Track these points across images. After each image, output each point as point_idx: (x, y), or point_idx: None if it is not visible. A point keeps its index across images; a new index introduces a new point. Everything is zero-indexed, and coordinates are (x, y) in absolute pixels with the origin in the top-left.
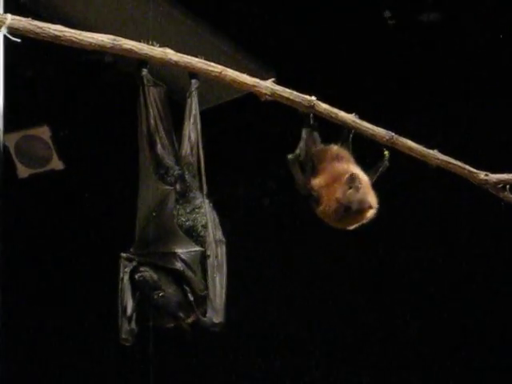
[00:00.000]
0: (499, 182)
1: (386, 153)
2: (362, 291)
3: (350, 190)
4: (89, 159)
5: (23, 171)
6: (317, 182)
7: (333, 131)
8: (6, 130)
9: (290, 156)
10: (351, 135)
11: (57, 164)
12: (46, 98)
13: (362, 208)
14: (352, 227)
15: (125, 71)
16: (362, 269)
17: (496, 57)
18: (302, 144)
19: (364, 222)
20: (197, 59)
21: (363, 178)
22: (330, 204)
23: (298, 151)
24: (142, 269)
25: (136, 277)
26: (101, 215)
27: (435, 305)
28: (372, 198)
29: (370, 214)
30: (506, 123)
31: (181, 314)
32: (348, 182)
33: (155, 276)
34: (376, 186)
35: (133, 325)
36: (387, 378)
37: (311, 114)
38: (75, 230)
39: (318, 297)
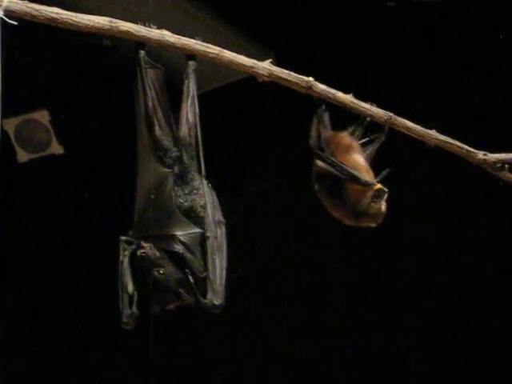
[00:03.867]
0: (498, 161)
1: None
2: (367, 281)
3: (373, 204)
4: (88, 143)
5: (23, 156)
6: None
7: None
8: (5, 115)
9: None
10: (366, 123)
11: (56, 148)
12: (44, 82)
13: (376, 221)
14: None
15: (123, 55)
16: (367, 255)
17: (495, 38)
18: (312, 130)
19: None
20: (194, 41)
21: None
22: (345, 205)
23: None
24: (144, 245)
25: (138, 253)
26: (100, 199)
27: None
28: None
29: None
30: (504, 103)
31: (181, 292)
32: (374, 196)
33: (157, 253)
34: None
35: (134, 309)
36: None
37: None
38: (75, 213)
39: (319, 282)
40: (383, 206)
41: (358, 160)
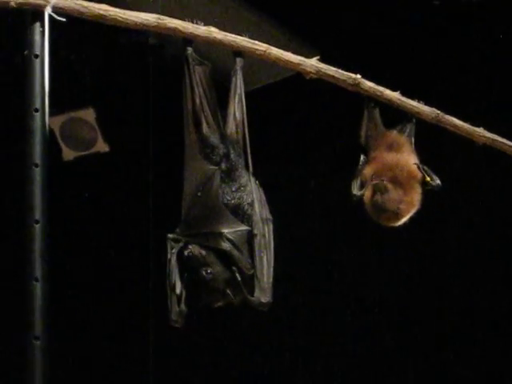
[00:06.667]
0: None
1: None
2: (411, 276)
3: (374, 199)
4: (134, 141)
5: (68, 154)
6: (366, 171)
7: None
8: (51, 112)
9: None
10: (414, 120)
11: (102, 146)
12: (90, 80)
13: (387, 216)
14: (391, 225)
15: (169, 53)
16: (409, 252)
17: None
18: (363, 128)
19: (401, 222)
20: (241, 37)
21: (408, 174)
22: (366, 202)
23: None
24: (190, 246)
25: (185, 253)
26: (147, 196)
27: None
28: (402, 203)
29: (403, 218)
30: None
31: (228, 292)
32: (374, 188)
33: (204, 252)
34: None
35: (182, 306)
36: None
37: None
38: (121, 211)
39: (361, 278)
40: (380, 198)
41: (401, 157)
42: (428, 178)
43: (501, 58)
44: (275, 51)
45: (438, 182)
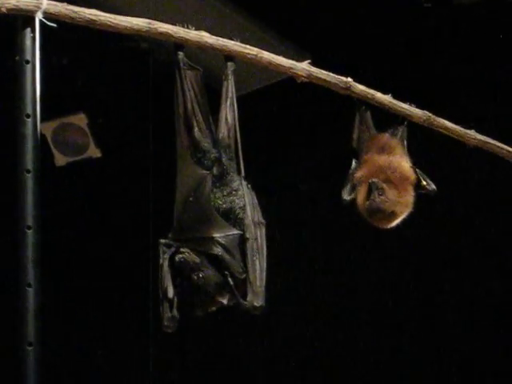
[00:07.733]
0: None
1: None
2: (404, 274)
3: (370, 199)
4: (126, 146)
5: (61, 159)
6: (358, 174)
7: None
8: (43, 118)
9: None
10: (406, 122)
11: (94, 152)
12: (82, 85)
13: (382, 216)
14: (384, 227)
15: (160, 58)
16: (402, 251)
17: None
18: (355, 131)
19: (393, 224)
20: (232, 42)
21: (401, 176)
22: (359, 204)
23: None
24: (182, 250)
25: (176, 258)
26: (138, 202)
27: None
28: (398, 204)
29: (396, 219)
30: None
31: (221, 296)
32: (369, 189)
33: (195, 257)
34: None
35: (174, 312)
36: None
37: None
38: (113, 217)
39: (356, 282)
40: (376, 198)
41: (394, 159)
42: (424, 182)
43: (492, 61)
44: (266, 55)
45: (434, 186)
